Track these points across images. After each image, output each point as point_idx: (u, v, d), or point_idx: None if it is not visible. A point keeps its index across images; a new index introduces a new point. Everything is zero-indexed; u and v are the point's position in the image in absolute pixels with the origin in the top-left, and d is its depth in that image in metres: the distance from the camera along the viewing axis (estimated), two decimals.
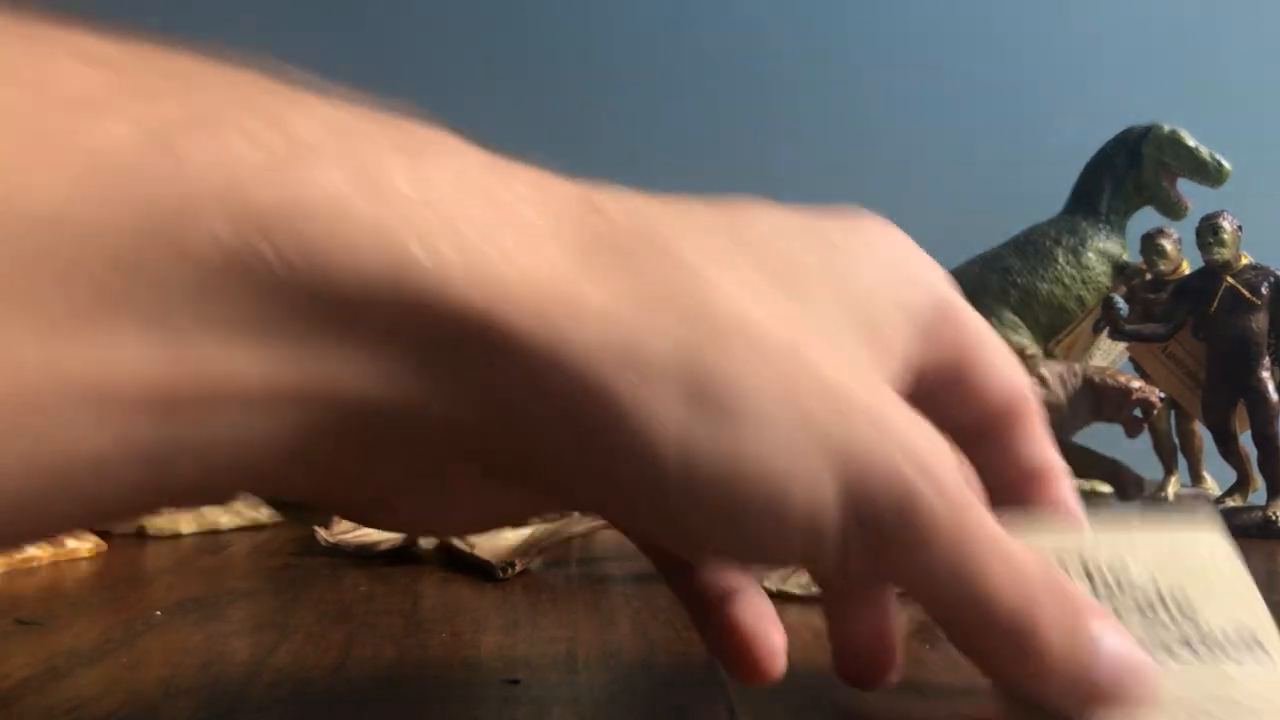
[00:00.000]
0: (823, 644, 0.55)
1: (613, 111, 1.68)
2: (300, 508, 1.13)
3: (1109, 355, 1.13)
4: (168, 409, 0.20)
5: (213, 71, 0.26)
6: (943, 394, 0.33)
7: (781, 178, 1.67)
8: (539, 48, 1.68)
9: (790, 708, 0.45)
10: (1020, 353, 0.84)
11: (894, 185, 1.66)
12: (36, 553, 0.78)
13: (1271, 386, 0.92)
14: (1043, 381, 0.97)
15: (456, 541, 0.76)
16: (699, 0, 1.66)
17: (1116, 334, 1.00)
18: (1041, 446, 0.35)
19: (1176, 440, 1.10)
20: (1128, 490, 0.98)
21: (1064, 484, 0.35)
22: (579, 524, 0.74)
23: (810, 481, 0.23)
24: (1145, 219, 1.18)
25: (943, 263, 1.40)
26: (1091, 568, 0.29)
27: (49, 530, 0.36)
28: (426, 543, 0.78)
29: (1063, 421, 0.96)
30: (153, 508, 0.25)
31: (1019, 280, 1.17)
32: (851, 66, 1.70)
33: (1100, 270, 1.16)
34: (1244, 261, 0.93)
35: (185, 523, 0.93)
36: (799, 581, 0.67)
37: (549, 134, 1.67)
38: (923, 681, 0.46)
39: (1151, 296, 1.04)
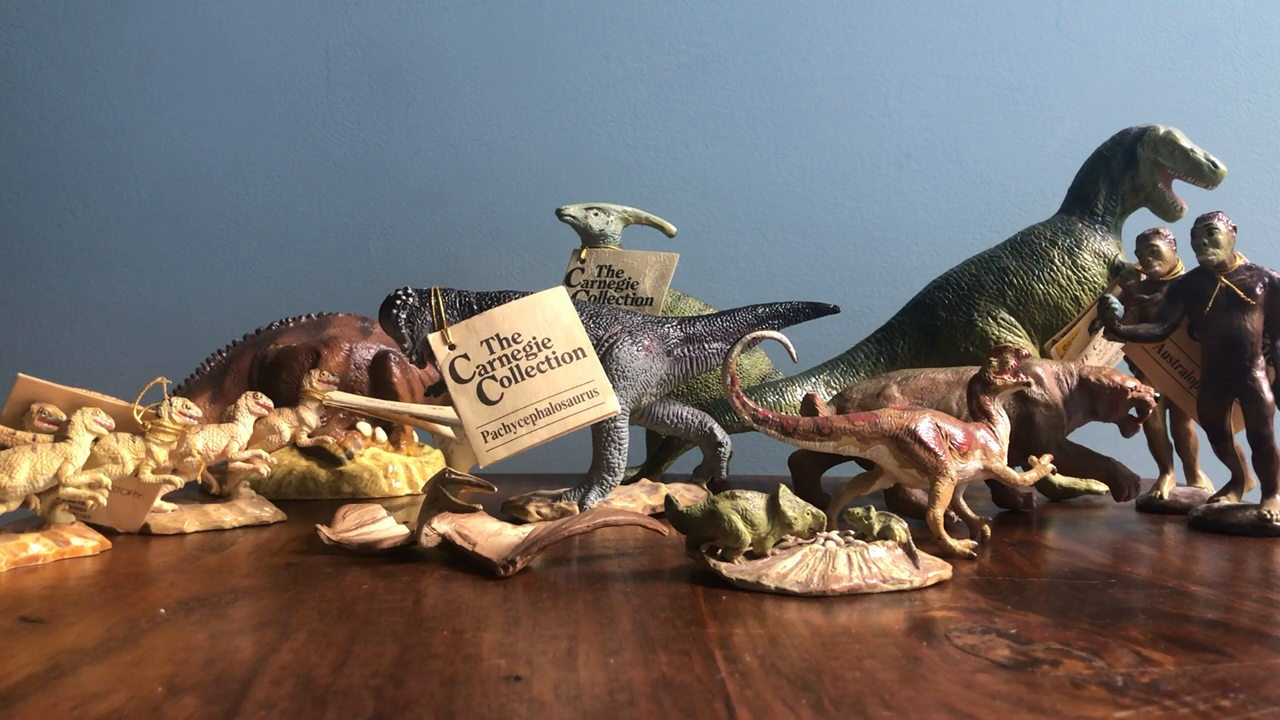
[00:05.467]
0: (821, 641, 0.55)
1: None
2: (303, 506, 1.14)
3: (1105, 355, 1.14)
4: None
5: None
6: None
7: (781, 174, 1.68)
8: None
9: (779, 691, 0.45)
10: (1017, 353, 0.84)
11: (892, 186, 1.67)
12: (41, 550, 0.79)
13: (1266, 386, 0.92)
14: (1039, 381, 0.98)
15: (458, 539, 0.76)
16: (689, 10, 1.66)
17: (1112, 334, 1.00)
18: None
19: (1172, 439, 1.11)
20: (1124, 489, 0.98)
21: None
22: (579, 522, 0.75)
23: None
24: (1141, 220, 1.18)
25: (940, 263, 1.41)
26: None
27: None
28: (428, 540, 0.78)
29: (1059, 421, 0.97)
30: None
31: (1015, 281, 1.18)
32: (851, 67, 1.70)
33: (1096, 271, 1.17)
34: (1239, 262, 0.94)
35: (189, 521, 0.94)
36: (797, 580, 0.68)
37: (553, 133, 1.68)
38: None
39: (1147, 297, 1.05)
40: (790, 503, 0.71)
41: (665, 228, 1.30)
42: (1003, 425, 0.81)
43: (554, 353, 0.95)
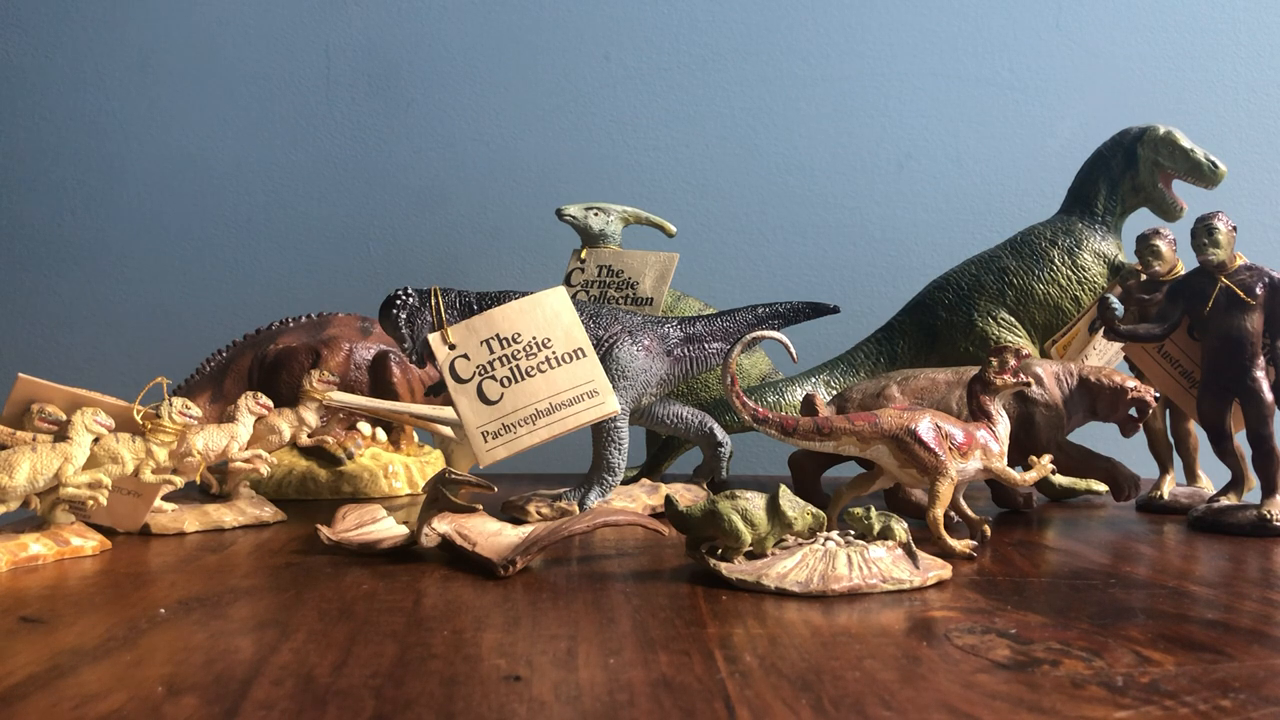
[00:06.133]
0: (821, 641, 0.56)
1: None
2: (303, 506, 1.14)
3: (1105, 355, 1.14)
4: None
5: None
6: None
7: (781, 174, 1.68)
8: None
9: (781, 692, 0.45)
10: (1017, 353, 0.84)
11: (892, 186, 1.67)
12: (41, 550, 0.79)
13: (1266, 386, 0.92)
14: (1039, 381, 0.98)
15: (458, 539, 0.76)
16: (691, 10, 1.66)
17: (1112, 334, 1.00)
18: None
19: (1172, 439, 1.11)
20: (1124, 489, 0.98)
21: None
22: (579, 522, 0.75)
23: None
24: (1141, 220, 1.18)
25: (940, 263, 1.41)
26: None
27: None
28: (428, 540, 0.78)
29: (1059, 421, 0.97)
30: None
31: (1016, 281, 1.18)
32: (851, 67, 1.70)
33: (1096, 271, 1.17)
34: (1239, 262, 0.94)
35: (189, 521, 0.94)
36: (797, 580, 0.68)
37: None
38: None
39: (1147, 297, 1.05)
40: (790, 503, 0.71)
41: (665, 228, 1.30)
42: (1003, 425, 0.81)
43: (554, 353, 0.95)
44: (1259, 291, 0.92)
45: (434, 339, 0.95)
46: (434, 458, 1.30)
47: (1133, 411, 0.95)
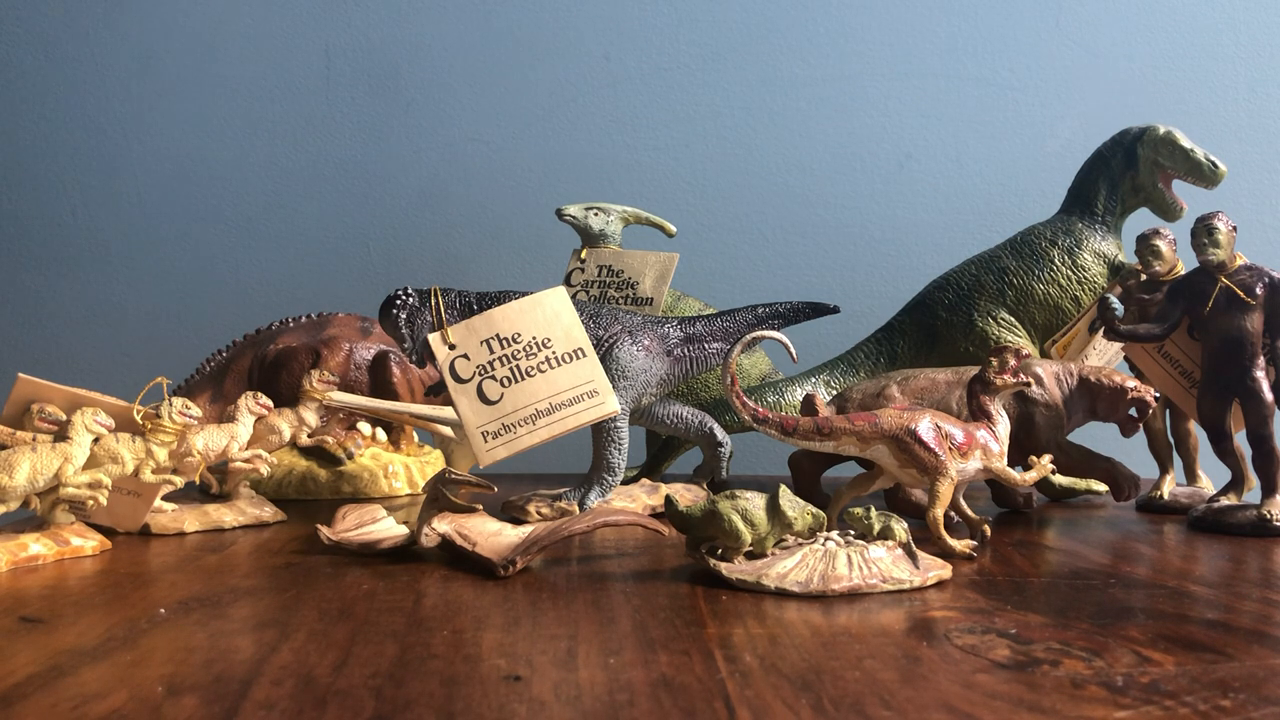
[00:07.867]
0: (821, 641, 0.56)
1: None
2: (303, 506, 1.14)
3: (1105, 355, 1.14)
4: None
5: None
6: None
7: (781, 174, 1.68)
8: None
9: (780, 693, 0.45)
10: (1017, 353, 0.84)
11: (892, 186, 1.67)
12: (41, 550, 0.79)
13: (1266, 386, 0.92)
14: (1039, 381, 0.98)
15: (458, 539, 0.76)
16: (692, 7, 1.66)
17: (1112, 334, 1.00)
18: None
19: (1172, 439, 1.11)
20: (1124, 489, 0.98)
21: None
22: (579, 522, 0.75)
23: None
24: (1141, 220, 1.18)
25: (940, 263, 1.42)
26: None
27: None
28: (428, 540, 0.78)
29: (1059, 421, 0.97)
30: None
31: (1016, 281, 1.18)
32: (851, 67, 1.70)
33: (1096, 271, 1.17)
34: (1239, 262, 0.94)
35: (189, 521, 0.94)
36: (797, 580, 0.68)
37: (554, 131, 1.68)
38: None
39: (1147, 297, 1.05)
40: (790, 503, 0.71)
41: (665, 228, 1.30)
42: (1003, 425, 0.81)
43: (554, 353, 0.95)
44: (1259, 291, 0.92)
45: (434, 339, 0.95)
46: (434, 458, 1.30)
47: (1133, 411, 0.95)
